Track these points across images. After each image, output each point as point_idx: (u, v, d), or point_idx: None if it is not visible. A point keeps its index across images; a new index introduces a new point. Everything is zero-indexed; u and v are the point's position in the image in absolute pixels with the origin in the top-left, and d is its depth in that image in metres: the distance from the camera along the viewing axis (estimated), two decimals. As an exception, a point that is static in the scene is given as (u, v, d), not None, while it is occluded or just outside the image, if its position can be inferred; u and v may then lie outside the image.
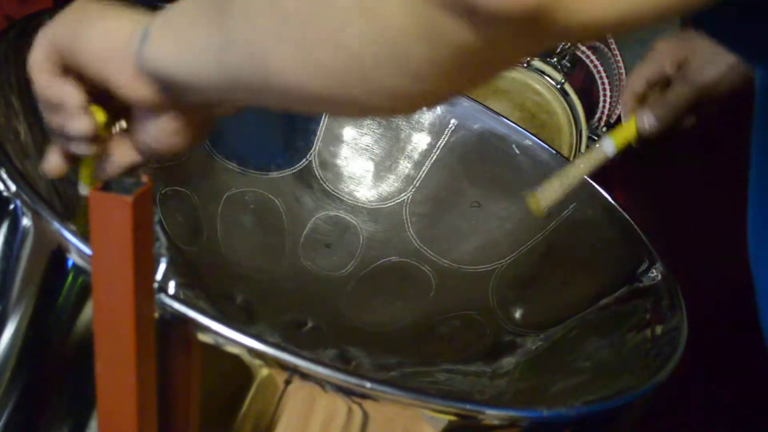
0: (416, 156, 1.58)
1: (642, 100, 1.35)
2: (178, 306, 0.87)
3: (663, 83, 1.34)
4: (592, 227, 1.42)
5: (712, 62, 1.28)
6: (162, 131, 0.87)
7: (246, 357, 0.89)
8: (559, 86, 1.82)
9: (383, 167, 1.58)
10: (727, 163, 2.15)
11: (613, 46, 1.95)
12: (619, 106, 1.97)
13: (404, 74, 0.59)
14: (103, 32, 0.85)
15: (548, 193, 1.34)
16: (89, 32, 0.85)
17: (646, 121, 1.32)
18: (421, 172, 1.57)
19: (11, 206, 0.98)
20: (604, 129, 1.94)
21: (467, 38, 0.55)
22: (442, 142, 1.57)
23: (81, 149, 0.90)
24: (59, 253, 0.94)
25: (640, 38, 2.08)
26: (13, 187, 0.98)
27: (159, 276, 0.87)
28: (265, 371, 0.89)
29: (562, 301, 1.39)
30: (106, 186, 0.80)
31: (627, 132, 1.35)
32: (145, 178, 0.81)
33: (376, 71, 0.60)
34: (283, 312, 1.46)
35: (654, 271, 1.33)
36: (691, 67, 1.30)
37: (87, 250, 0.90)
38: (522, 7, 0.53)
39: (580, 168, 1.36)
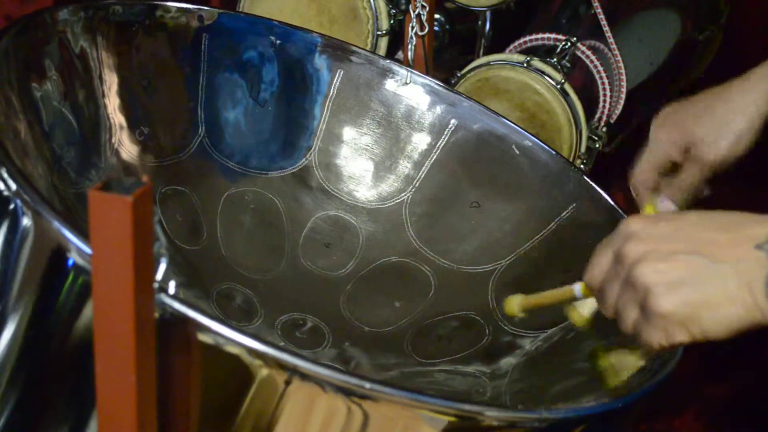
0: (416, 156, 1.58)
1: (655, 188, 1.33)
2: (178, 306, 0.87)
3: (671, 168, 1.32)
4: (591, 228, 1.42)
5: (718, 137, 1.26)
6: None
7: (246, 357, 0.89)
8: (559, 86, 1.82)
9: (383, 167, 1.58)
10: (735, 170, 2.15)
11: (613, 46, 1.95)
12: (619, 106, 1.97)
13: None
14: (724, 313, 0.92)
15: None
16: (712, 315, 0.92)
17: (664, 208, 1.32)
18: (420, 173, 1.57)
19: (11, 206, 0.98)
20: (604, 129, 1.94)
21: None
22: (442, 143, 1.57)
23: None
24: (59, 252, 0.94)
25: (639, 38, 2.08)
26: (13, 186, 0.98)
27: (159, 276, 0.87)
28: (264, 371, 0.89)
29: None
30: (106, 186, 0.80)
31: None
32: (145, 178, 0.81)
33: None
34: (283, 312, 1.46)
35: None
36: (698, 148, 1.27)
37: (87, 250, 0.90)
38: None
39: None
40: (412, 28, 1.81)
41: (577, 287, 1.13)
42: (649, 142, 1.33)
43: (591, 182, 1.46)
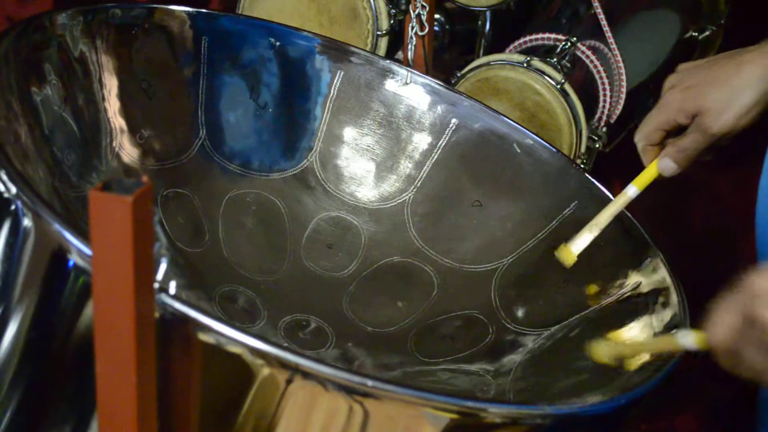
0: (417, 156, 1.58)
1: (659, 145, 1.35)
2: (179, 306, 0.87)
3: (677, 129, 1.34)
4: (593, 226, 1.42)
5: (725, 110, 1.27)
6: None
7: (247, 356, 0.89)
8: (559, 86, 1.82)
9: (384, 167, 1.58)
10: (728, 159, 2.15)
11: (613, 46, 1.95)
12: (619, 106, 1.97)
13: None
14: None
15: (581, 243, 1.36)
16: None
17: (665, 167, 1.34)
18: (422, 172, 1.57)
19: (12, 208, 0.98)
20: (604, 129, 1.94)
21: None
22: (443, 142, 1.57)
23: None
24: (60, 253, 0.95)
25: (639, 38, 2.08)
26: (13, 189, 0.98)
27: (159, 276, 0.87)
28: (266, 370, 0.89)
29: (563, 299, 1.39)
30: (107, 186, 0.80)
31: (649, 178, 1.37)
32: (145, 178, 0.81)
33: None
34: (286, 313, 1.46)
35: (656, 268, 1.33)
36: (704, 117, 1.28)
37: (87, 251, 0.90)
38: None
39: (609, 214, 1.38)
40: (412, 28, 1.81)
41: (689, 340, 1.08)
42: (660, 101, 1.34)
43: (593, 179, 1.46)
